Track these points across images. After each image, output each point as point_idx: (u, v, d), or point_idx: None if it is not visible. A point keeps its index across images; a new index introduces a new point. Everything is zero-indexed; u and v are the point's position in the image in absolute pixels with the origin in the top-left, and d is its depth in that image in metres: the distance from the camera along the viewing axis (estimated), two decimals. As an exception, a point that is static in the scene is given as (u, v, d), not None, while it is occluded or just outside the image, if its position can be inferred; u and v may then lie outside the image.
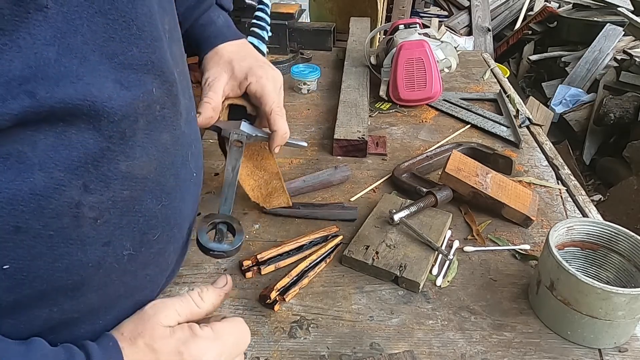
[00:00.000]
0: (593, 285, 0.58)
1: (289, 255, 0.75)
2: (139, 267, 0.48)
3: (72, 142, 0.37)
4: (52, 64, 0.34)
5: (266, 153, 0.81)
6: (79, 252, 0.41)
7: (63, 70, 0.35)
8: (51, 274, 0.40)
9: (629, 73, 2.79)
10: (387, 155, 1.05)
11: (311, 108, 1.24)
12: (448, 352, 0.62)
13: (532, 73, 3.66)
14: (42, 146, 0.36)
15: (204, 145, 1.08)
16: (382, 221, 0.80)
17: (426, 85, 1.20)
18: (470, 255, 0.78)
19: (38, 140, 0.36)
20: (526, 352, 0.62)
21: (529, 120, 1.17)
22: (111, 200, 0.42)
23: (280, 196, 0.83)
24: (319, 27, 1.42)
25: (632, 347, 0.63)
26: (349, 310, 0.68)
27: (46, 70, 0.34)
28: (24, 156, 0.35)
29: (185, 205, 0.52)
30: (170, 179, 0.48)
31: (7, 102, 0.32)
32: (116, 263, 0.44)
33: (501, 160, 0.97)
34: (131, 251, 0.46)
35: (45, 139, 0.36)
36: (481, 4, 3.92)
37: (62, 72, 0.35)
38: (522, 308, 0.69)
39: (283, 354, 0.62)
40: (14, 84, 0.32)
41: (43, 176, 0.36)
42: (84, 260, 0.41)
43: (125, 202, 0.43)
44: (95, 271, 0.43)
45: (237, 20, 1.38)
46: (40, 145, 0.36)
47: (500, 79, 1.41)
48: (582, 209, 0.89)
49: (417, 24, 1.31)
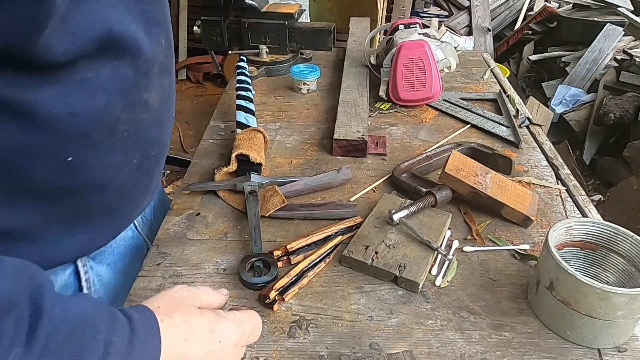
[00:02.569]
0: (592, 286, 0.58)
1: (316, 245, 0.77)
2: (141, 175, 0.64)
3: (120, 73, 0.52)
4: (116, 17, 0.49)
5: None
6: (111, 156, 0.56)
7: (121, 21, 0.50)
8: (94, 170, 0.55)
9: (629, 73, 2.79)
10: (386, 155, 1.05)
11: (311, 108, 1.24)
12: (447, 352, 0.62)
13: (532, 73, 3.66)
14: (103, 75, 0.50)
15: (204, 145, 1.08)
16: (381, 221, 0.80)
17: (426, 85, 1.20)
18: (470, 255, 0.78)
19: (100, 71, 0.50)
20: (525, 352, 0.62)
21: (529, 120, 1.17)
22: (134, 120, 0.57)
23: (273, 197, 0.84)
24: (319, 27, 1.41)
25: (632, 347, 0.63)
26: (348, 310, 0.68)
27: (110, 21, 0.48)
28: (91, 81, 0.49)
29: (168, 136, 0.69)
30: (165, 113, 0.65)
31: (87, 39, 0.46)
32: (129, 169, 0.60)
33: (501, 160, 0.97)
34: (138, 161, 0.61)
35: (104, 70, 0.50)
36: (481, 4, 3.92)
37: (121, 22, 0.50)
38: (521, 308, 0.69)
39: (282, 354, 0.62)
40: (92, 26, 0.46)
41: (103, 97, 0.51)
42: (111, 162, 0.57)
43: (141, 123, 0.59)
44: (117, 173, 0.59)
45: (237, 21, 1.38)
46: (102, 75, 0.50)
47: (500, 79, 1.41)
48: (581, 209, 0.89)
49: (417, 24, 1.31)
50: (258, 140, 0.98)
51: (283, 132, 1.12)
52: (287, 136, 1.11)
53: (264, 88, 1.34)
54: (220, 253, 0.78)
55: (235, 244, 0.80)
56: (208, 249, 0.79)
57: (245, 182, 0.88)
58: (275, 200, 0.84)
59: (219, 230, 0.83)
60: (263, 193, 0.87)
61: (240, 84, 1.17)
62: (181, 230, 0.82)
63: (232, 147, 0.96)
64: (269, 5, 1.42)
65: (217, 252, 0.78)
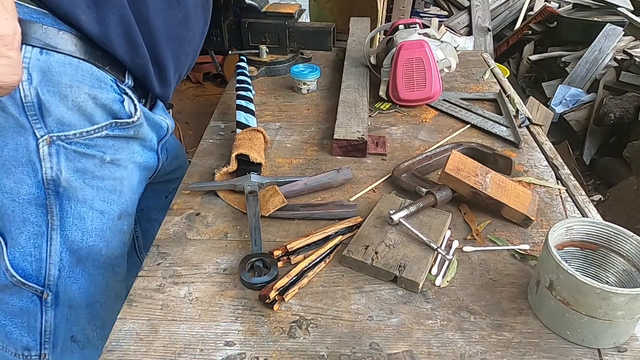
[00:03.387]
0: (592, 285, 0.58)
1: (316, 245, 0.77)
2: (197, 3, 0.89)
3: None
4: None
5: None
6: None
7: None
8: None
9: (629, 73, 2.79)
10: (386, 155, 1.05)
11: (311, 108, 1.24)
12: (447, 352, 0.62)
13: (532, 73, 3.66)
14: None
15: (204, 145, 1.08)
16: (381, 221, 0.80)
17: (426, 85, 1.20)
18: (470, 255, 0.78)
19: None
20: (525, 352, 0.62)
21: (529, 120, 1.17)
22: None
23: (273, 197, 0.84)
24: (319, 27, 1.41)
25: (632, 347, 0.63)
26: (348, 310, 0.68)
27: None
28: None
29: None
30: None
31: None
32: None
33: (501, 160, 0.97)
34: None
35: None
36: (481, 4, 3.92)
37: None
38: (521, 308, 0.69)
39: (282, 354, 0.62)
40: None
41: None
42: None
43: None
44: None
45: (237, 21, 1.38)
46: None
47: (500, 79, 1.41)
48: (581, 209, 0.89)
49: (417, 24, 1.31)
50: (258, 140, 0.98)
51: (283, 132, 1.12)
52: (287, 136, 1.11)
53: (264, 88, 1.34)
54: (220, 253, 0.78)
55: (235, 244, 0.80)
56: (208, 249, 0.79)
57: (245, 182, 0.88)
58: (275, 200, 0.84)
59: (219, 230, 0.83)
60: (263, 193, 0.87)
61: (240, 84, 1.17)
62: (181, 230, 0.82)
63: (232, 147, 0.96)
64: (269, 5, 1.42)
65: (217, 252, 0.78)
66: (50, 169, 0.77)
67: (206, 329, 0.65)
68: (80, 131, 0.77)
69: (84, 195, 0.82)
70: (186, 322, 0.66)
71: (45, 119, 0.74)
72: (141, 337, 0.64)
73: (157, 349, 0.62)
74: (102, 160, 0.82)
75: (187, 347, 0.63)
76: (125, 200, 0.88)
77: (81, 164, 0.80)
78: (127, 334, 0.64)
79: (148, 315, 0.67)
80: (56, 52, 0.72)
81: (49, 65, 0.72)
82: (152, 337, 0.64)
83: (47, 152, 0.76)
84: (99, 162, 0.82)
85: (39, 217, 0.80)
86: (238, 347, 0.62)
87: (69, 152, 0.78)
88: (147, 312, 0.67)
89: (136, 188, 0.91)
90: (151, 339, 0.64)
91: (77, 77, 0.74)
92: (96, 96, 0.77)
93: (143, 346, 0.63)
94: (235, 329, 0.65)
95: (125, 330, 0.65)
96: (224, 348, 0.62)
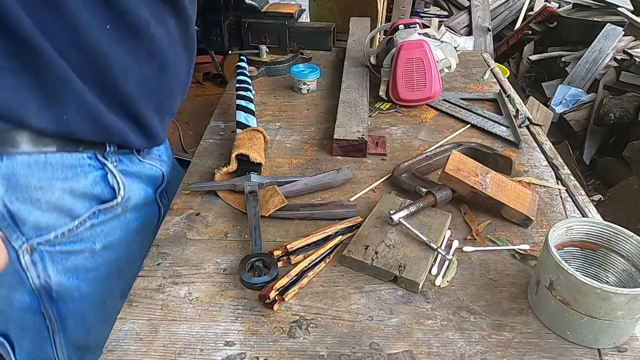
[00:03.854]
0: (592, 285, 0.58)
1: (316, 245, 0.77)
2: (174, 42, 0.78)
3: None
4: None
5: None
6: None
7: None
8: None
9: (629, 73, 2.79)
10: (386, 155, 1.05)
11: (311, 108, 1.24)
12: (447, 352, 0.62)
13: (532, 73, 3.66)
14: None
15: (204, 145, 1.08)
16: (381, 221, 0.80)
17: (426, 85, 1.20)
18: (470, 255, 0.78)
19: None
20: (525, 352, 0.62)
21: (529, 120, 1.17)
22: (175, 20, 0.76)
23: (273, 197, 0.84)
24: (319, 27, 1.41)
25: (632, 347, 0.63)
26: (348, 310, 0.68)
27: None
28: None
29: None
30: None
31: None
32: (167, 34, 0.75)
33: (501, 160, 0.97)
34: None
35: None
36: (481, 4, 3.92)
37: None
38: (521, 308, 0.69)
39: (282, 354, 0.62)
40: None
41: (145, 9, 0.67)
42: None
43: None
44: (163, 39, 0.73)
45: (237, 21, 1.38)
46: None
47: (500, 79, 1.41)
48: (581, 209, 0.89)
49: (417, 24, 1.31)
50: (258, 140, 0.98)
51: (283, 132, 1.12)
52: (287, 136, 1.11)
53: (264, 88, 1.34)
54: (220, 253, 0.78)
55: (235, 244, 0.80)
56: (208, 249, 0.79)
57: (245, 182, 0.88)
58: (275, 200, 0.84)
59: (219, 230, 0.83)
60: (263, 193, 0.87)
61: (240, 84, 1.17)
62: (181, 230, 0.82)
63: (232, 147, 0.96)
64: (269, 5, 1.42)
65: (217, 252, 0.78)
66: (37, 277, 0.72)
67: (206, 329, 0.65)
68: (62, 231, 0.71)
69: (80, 292, 0.76)
70: (186, 322, 0.66)
71: (21, 227, 0.67)
72: (141, 337, 0.64)
73: (157, 349, 0.62)
74: (92, 252, 0.75)
75: (187, 347, 0.63)
76: (128, 279, 0.75)
77: (70, 263, 0.74)
78: (127, 334, 0.64)
79: (148, 315, 0.67)
80: (18, 155, 0.64)
81: (12, 170, 0.64)
82: (152, 337, 0.64)
83: (30, 261, 0.70)
84: (89, 255, 0.75)
85: (38, 324, 0.76)
86: (238, 347, 0.62)
87: (54, 254, 0.72)
88: (147, 312, 0.67)
89: (138, 255, 0.81)
90: (151, 339, 0.64)
91: (46, 175, 0.66)
92: (72, 188, 0.69)
93: (143, 346, 0.63)
94: (235, 329, 0.65)
95: (125, 330, 0.65)
96: (224, 348, 0.62)
